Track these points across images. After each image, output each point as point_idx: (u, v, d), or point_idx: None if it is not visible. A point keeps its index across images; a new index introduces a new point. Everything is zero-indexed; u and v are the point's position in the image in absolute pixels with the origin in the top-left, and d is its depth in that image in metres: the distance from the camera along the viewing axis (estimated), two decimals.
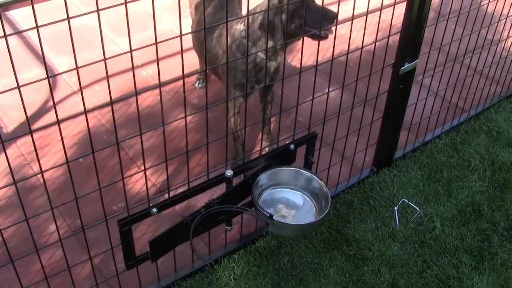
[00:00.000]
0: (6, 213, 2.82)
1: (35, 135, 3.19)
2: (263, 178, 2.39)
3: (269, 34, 2.65)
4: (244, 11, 3.16)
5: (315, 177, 2.40)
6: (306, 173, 2.42)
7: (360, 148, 3.04)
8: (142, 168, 2.18)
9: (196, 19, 3.30)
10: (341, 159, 2.96)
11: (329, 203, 2.31)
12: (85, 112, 1.83)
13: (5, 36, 1.47)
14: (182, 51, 1.87)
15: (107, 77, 1.78)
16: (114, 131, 1.94)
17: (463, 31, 3.13)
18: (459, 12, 3.00)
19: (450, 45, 3.10)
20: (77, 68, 1.67)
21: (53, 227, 2.72)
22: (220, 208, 2.28)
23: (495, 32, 3.62)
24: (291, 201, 2.45)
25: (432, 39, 2.93)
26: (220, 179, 2.35)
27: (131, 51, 1.76)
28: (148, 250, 2.26)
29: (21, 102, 1.65)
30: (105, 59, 1.71)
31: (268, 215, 2.18)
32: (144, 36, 3.85)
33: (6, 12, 4.33)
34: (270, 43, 2.68)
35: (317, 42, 2.51)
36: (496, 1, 3.39)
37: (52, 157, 3.15)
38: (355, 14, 2.40)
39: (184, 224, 2.24)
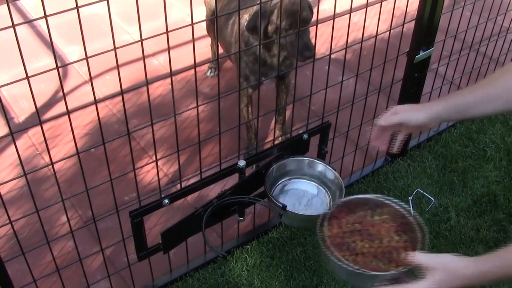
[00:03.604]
0: (17, 204, 2.81)
1: (46, 126, 3.16)
2: (276, 168, 2.36)
3: (254, 35, 2.69)
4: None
5: (328, 167, 2.37)
6: (320, 163, 2.39)
7: None
8: (154, 158, 2.16)
9: (212, 9, 3.29)
10: (355, 148, 2.93)
11: (343, 194, 2.28)
12: (96, 102, 1.81)
13: (13, 26, 1.45)
14: (193, 40, 1.84)
15: (118, 66, 1.75)
16: (125, 121, 1.92)
17: (479, 19, 3.09)
18: (475, 0, 2.96)
19: (466, 32, 3.05)
20: (86, 58, 1.65)
21: (64, 218, 2.71)
22: (232, 199, 2.26)
23: (511, 20, 3.56)
24: (304, 191, 2.42)
25: (448, 26, 2.88)
26: (233, 170, 2.33)
27: (141, 40, 1.73)
28: (160, 241, 2.24)
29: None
30: (115, 49, 1.69)
31: (281, 206, 2.16)
32: (155, 25, 3.82)
33: (17, 1, 4.32)
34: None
35: (330, 30, 2.47)
36: None
37: (63, 147, 3.13)
38: (369, 1, 2.36)
39: (196, 215, 2.21)
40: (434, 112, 1.78)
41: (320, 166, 2.38)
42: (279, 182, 2.40)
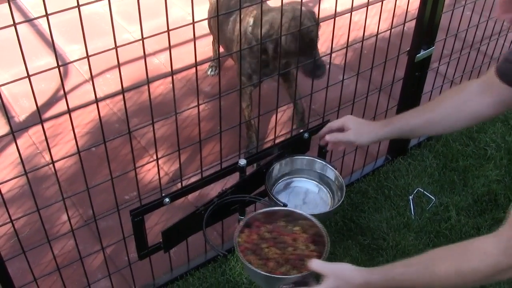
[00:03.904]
0: (18, 203, 2.81)
1: (46, 125, 3.17)
2: (276, 167, 2.36)
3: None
4: None
5: (329, 166, 2.37)
6: (321, 162, 2.39)
7: None
8: (155, 157, 2.16)
9: (214, 2, 3.31)
10: (355, 147, 2.92)
11: (344, 193, 2.28)
12: (97, 101, 1.81)
13: (14, 24, 1.45)
14: (194, 39, 1.84)
15: (119, 65, 1.75)
16: (126, 120, 1.92)
17: (479, 18, 3.09)
18: None
19: (467, 31, 3.05)
20: (88, 56, 1.65)
21: (65, 217, 2.71)
22: (233, 198, 2.26)
23: None
24: (305, 190, 2.41)
25: (448, 25, 2.88)
26: (233, 169, 2.32)
27: (142, 38, 1.73)
28: (161, 240, 2.24)
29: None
30: (116, 47, 1.69)
31: (282, 204, 2.16)
32: (156, 24, 3.82)
33: (17, 0, 4.31)
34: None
35: (331, 29, 2.47)
36: None
37: (63, 146, 3.13)
38: (369, 0, 2.36)
39: (197, 214, 2.21)
40: (378, 136, 2.07)
41: (321, 165, 2.38)
42: (280, 181, 2.40)
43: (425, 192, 2.89)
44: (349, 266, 1.71)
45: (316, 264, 1.74)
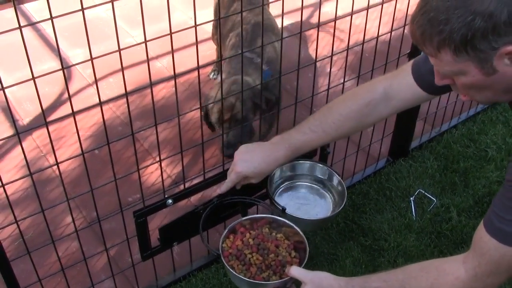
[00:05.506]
0: (22, 205, 2.83)
1: (51, 128, 3.17)
2: (278, 171, 2.36)
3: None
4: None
5: (331, 170, 2.38)
6: (322, 166, 2.40)
7: (376, 138, 3.02)
8: (157, 159, 2.18)
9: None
10: (356, 149, 2.94)
11: (345, 196, 2.28)
12: (100, 104, 1.83)
13: (20, 27, 1.47)
14: (197, 42, 1.86)
15: (122, 68, 1.77)
16: (129, 123, 1.94)
17: None
18: None
19: None
20: (91, 59, 1.67)
21: (69, 219, 2.73)
22: (232, 199, 2.27)
23: None
24: (307, 194, 2.42)
25: None
26: None
27: (145, 41, 1.75)
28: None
29: (36, 95, 1.65)
30: (119, 50, 1.71)
31: (280, 208, 2.16)
32: (158, 28, 3.80)
33: (21, 5, 4.34)
34: None
35: (332, 32, 2.49)
36: None
37: (67, 149, 3.15)
38: (370, 3, 2.38)
39: (195, 213, 2.23)
40: (280, 164, 2.13)
41: (323, 170, 2.39)
42: (282, 185, 2.41)
43: (426, 193, 2.91)
44: (327, 274, 1.76)
45: (295, 271, 1.80)
